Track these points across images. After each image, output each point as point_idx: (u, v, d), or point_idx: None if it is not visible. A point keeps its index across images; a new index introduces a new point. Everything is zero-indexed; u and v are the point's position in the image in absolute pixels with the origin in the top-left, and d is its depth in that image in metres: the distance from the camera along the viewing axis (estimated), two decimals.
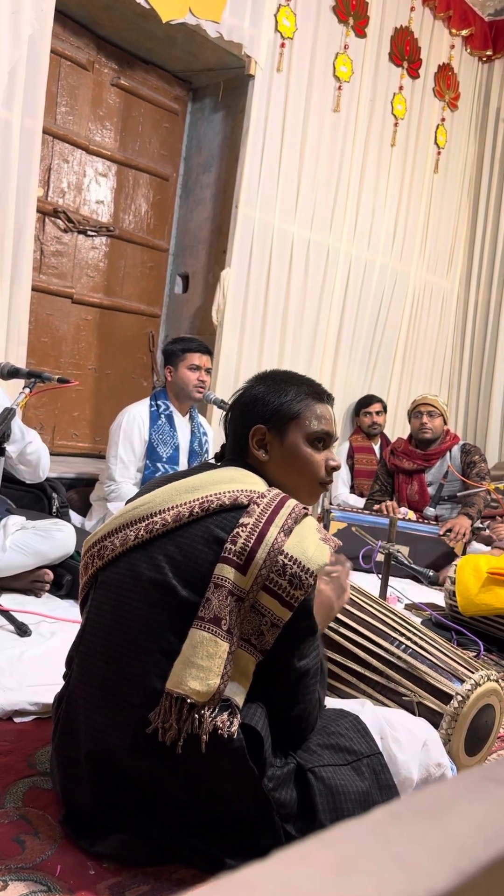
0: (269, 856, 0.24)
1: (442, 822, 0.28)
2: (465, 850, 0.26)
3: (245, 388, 1.31)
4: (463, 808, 0.29)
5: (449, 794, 0.30)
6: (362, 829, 0.26)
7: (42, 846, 1.08)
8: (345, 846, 0.25)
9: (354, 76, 4.13)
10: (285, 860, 0.24)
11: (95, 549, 1.20)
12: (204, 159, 4.15)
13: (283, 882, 0.23)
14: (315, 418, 1.25)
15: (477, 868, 0.25)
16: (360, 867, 0.24)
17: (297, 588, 1.06)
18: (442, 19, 4.68)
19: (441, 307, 5.08)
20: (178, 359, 2.99)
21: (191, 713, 1.02)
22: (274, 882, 0.23)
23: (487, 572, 2.43)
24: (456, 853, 0.26)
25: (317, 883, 0.23)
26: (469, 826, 0.27)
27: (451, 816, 0.28)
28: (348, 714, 1.25)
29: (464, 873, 0.25)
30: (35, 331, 3.59)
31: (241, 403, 1.28)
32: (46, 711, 1.49)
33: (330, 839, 0.26)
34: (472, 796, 0.30)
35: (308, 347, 4.16)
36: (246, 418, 1.26)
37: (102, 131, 3.80)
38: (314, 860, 0.24)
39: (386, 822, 0.27)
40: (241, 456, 1.27)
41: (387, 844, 0.26)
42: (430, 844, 0.26)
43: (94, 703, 1.11)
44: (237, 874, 0.23)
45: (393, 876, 0.24)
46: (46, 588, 2.30)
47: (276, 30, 3.67)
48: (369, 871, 0.24)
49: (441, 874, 0.24)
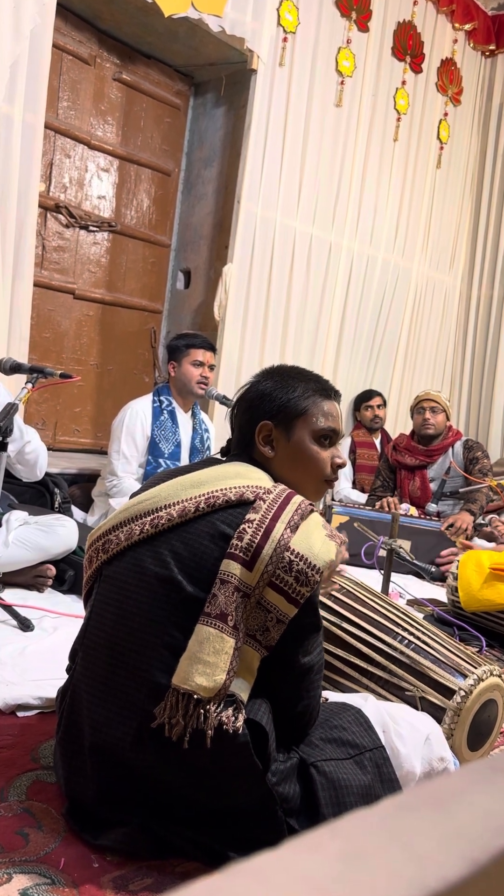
0: (279, 846, 0.24)
1: (450, 813, 0.28)
2: (474, 839, 0.26)
3: (252, 384, 1.30)
4: (471, 799, 0.29)
5: (457, 784, 0.30)
6: (371, 819, 0.27)
7: (46, 839, 1.08)
8: (354, 835, 0.25)
9: (357, 71, 4.11)
10: (296, 849, 0.24)
11: (100, 542, 1.20)
12: (206, 154, 4.14)
13: (294, 870, 0.23)
14: (322, 415, 1.25)
15: (488, 857, 0.25)
16: (370, 856, 0.24)
17: (303, 585, 1.06)
18: (445, 14, 4.66)
19: (443, 303, 5.07)
20: (181, 354, 2.99)
21: (196, 708, 1.02)
22: (285, 870, 0.23)
23: (490, 568, 2.43)
24: (465, 843, 0.26)
25: (327, 871, 0.23)
26: (478, 816, 0.28)
27: (460, 807, 0.28)
28: (351, 707, 1.26)
29: (475, 863, 0.25)
30: (37, 326, 3.59)
31: (248, 399, 1.28)
32: (49, 706, 1.49)
33: (339, 829, 0.26)
34: (480, 787, 0.30)
35: (310, 343, 4.15)
36: (253, 414, 1.25)
37: (104, 126, 3.80)
38: (324, 849, 0.24)
39: (394, 813, 0.27)
40: (246, 451, 1.26)
41: (396, 834, 0.26)
42: (439, 834, 0.26)
43: (97, 696, 1.11)
44: (248, 862, 0.23)
45: (403, 864, 0.24)
46: (49, 583, 2.30)
47: (278, 24, 3.66)
48: (379, 860, 0.24)
49: (452, 863, 0.24)
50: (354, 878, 0.22)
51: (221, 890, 0.21)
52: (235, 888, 0.21)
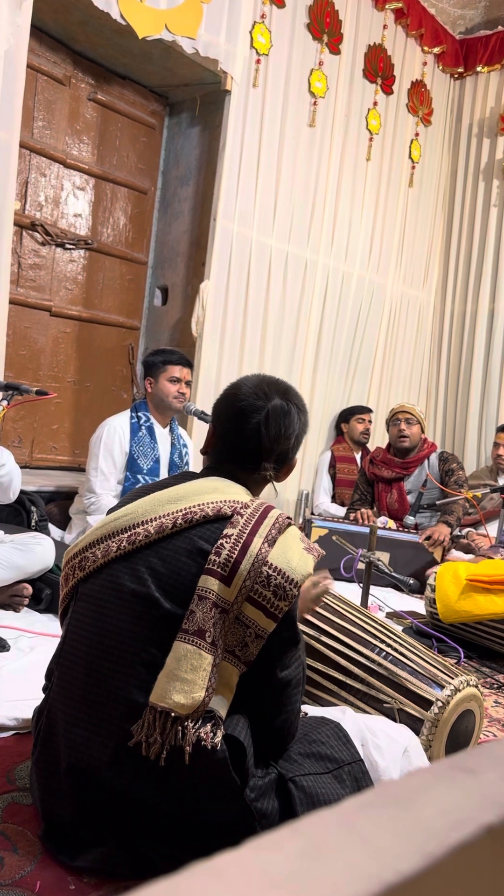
0: (241, 845, 0.25)
1: (410, 809, 0.28)
2: (432, 834, 0.27)
3: (299, 409, 1.26)
4: (431, 796, 0.30)
5: (418, 783, 0.31)
6: (332, 817, 0.27)
7: (21, 862, 1.06)
8: (315, 833, 0.26)
9: (329, 92, 4.19)
10: (256, 847, 0.25)
11: (76, 560, 1.19)
12: (182, 173, 4.18)
13: (253, 867, 0.23)
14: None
15: (443, 851, 0.26)
16: (329, 852, 0.24)
17: (281, 599, 1.06)
18: (414, 37, 4.78)
19: (418, 318, 5.15)
20: (158, 371, 3.00)
21: (174, 726, 1.01)
22: (244, 868, 0.23)
23: (466, 579, 2.46)
24: (423, 837, 0.26)
25: (285, 867, 0.23)
26: (436, 812, 0.28)
27: (420, 804, 0.29)
28: (329, 721, 1.26)
29: (430, 856, 0.25)
30: (13, 344, 3.58)
31: (297, 429, 1.25)
32: (26, 726, 1.47)
33: (300, 827, 0.26)
34: (441, 785, 0.31)
35: (288, 358, 4.18)
36: (295, 447, 1.26)
37: (80, 145, 3.82)
38: (284, 847, 0.25)
39: (355, 811, 0.28)
40: (241, 466, 1.23)
41: (356, 830, 0.26)
42: (397, 829, 0.27)
43: (74, 716, 1.10)
44: (209, 861, 0.24)
45: (361, 859, 0.24)
46: (25, 602, 2.28)
47: (251, 46, 3.72)
48: (337, 855, 0.24)
49: (408, 857, 0.25)
50: (311, 873, 0.23)
51: (180, 889, 0.22)
52: (194, 887, 0.22)
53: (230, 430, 1.23)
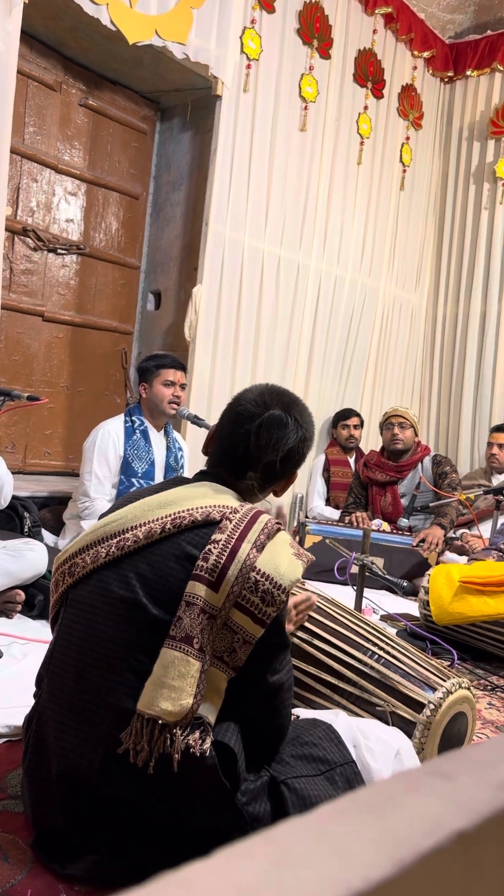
0: (212, 853, 0.25)
1: (383, 816, 0.29)
2: (403, 840, 0.27)
3: (305, 424, 1.25)
4: (405, 802, 0.30)
5: (392, 789, 0.31)
6: (305, 825, 0.27)
7: (12, 871, 1.06)
8: (286, 841, 0.26)
9: (320, 96, 4.21)
10: (227, 856, 0.25)
11: (66, 566, 1.19)
12: (173, 178, 4.19)
13: (223, 875, 0.23)
14: None
15: (414, 857, 0.26)
16: (300, 859, 0.25)
17: (269, 605, 1.06)
18: (404, 42, 4.80)
19: (410, 321, 5.17)
20: (152, 375, 3.00)
21: (162, 733, 1.01)
22: (214, 876, 0.23)
23: (460, 581, 2.46)
24: (394, 844, 0.26)
25: (257, 875, 0.23)
26: (409, 818, 0.28)
27: (393, 810, 0.29)
28: (321, 723, 1.26)
29: (401, 862, 0.26)
30: (6, 349, 3.57)
31: (297, 444, 1.23)
32: (17, 734, 1.47)
33: (272, 835, 0.26)
34: (415, 791, 0.31)
35: (281, 362, 4.19)
36: (295, 462, 1.25)
37: (71, 151, 3.82)
38: (255, 854, 0.25)
39: (328, 818, 0.28)
40: (229, 472, 1.23)
41: (328, 838, 0.26)
42: (369, 836, 0.27)
43: (64, 722, 1.10)
44: (179, 871, 0.24)
45: (331, 866, 0.24)
46: (18, 609, 2.27)
47: (241, 51, 3.74)
48: (308, 863, 0.24)
49: (378, 864, 0.25)
50: (281, 881, 0.23)
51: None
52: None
53: (225, 434, 1.24)
